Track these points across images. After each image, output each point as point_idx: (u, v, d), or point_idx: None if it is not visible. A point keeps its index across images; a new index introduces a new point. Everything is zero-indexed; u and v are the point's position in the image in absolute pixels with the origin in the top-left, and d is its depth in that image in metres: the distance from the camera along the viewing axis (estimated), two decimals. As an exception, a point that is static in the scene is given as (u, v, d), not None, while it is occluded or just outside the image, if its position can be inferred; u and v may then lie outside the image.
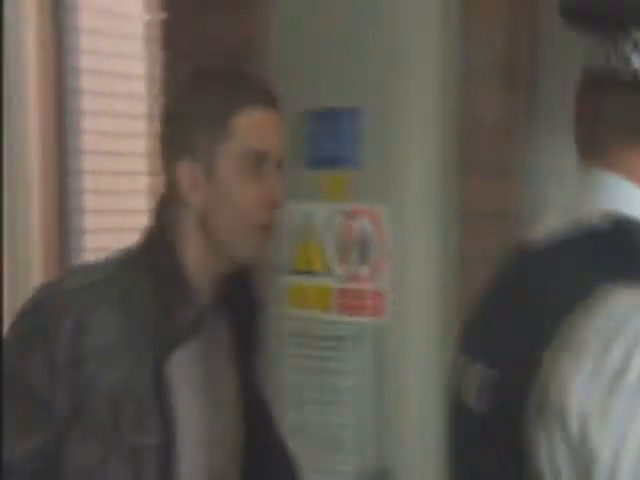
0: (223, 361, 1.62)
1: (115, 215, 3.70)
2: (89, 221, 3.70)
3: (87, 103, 3.66)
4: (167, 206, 1.58)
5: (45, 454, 1.44)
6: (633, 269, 0.95)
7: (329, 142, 2.26)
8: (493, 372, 1.04)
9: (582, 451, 0.89)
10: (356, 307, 2.18)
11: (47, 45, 3.50)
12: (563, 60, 1.96)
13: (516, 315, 1.06)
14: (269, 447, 1.67)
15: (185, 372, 1.53)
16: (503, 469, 1.00)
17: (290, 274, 2.28)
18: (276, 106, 1.56)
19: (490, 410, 1.05)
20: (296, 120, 2.20)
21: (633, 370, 0.87)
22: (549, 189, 2.20)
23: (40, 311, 1.49)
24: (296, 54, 2.24)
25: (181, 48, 2.38)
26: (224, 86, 1.56)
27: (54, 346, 1.43)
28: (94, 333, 1.45)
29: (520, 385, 0.96)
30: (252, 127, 1.53)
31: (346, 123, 2.22)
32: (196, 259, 1.54)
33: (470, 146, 2.09)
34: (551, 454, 0.92)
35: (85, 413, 1.44)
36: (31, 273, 3.46)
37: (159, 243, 1.56)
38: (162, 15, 2.45)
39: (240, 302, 1.63)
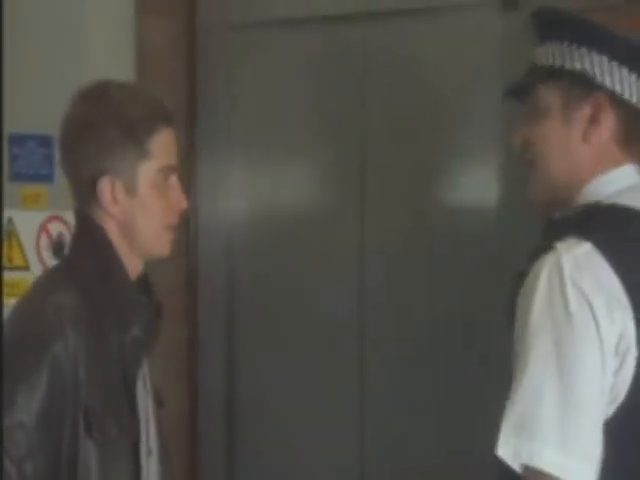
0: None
1: None
2: None
3: None
4: (90, 210, 1.70)
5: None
6: None
7: (29, 162, 2.70)
8: None
9: None
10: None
11: None
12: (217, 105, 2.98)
13: None
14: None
15: (139, 377, 1.72)
16: None
17: (-3, 269, 2.65)
18: (174, 122, 1.74)
19: None
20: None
21: None
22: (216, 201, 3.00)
23: (38, 340, 1.55)
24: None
25: None
26: (141, 108, 1.68)
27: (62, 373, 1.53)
28: (81, 358, 1.56)
29: None
30: (165, 146, 1.70)
31: (41, 147, 2.70)
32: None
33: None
34: None
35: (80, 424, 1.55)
36: None
37: (101, 241, 1.67)
38: None
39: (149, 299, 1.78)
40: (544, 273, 1.46)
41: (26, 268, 2.69)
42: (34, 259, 2.69)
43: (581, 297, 1.42)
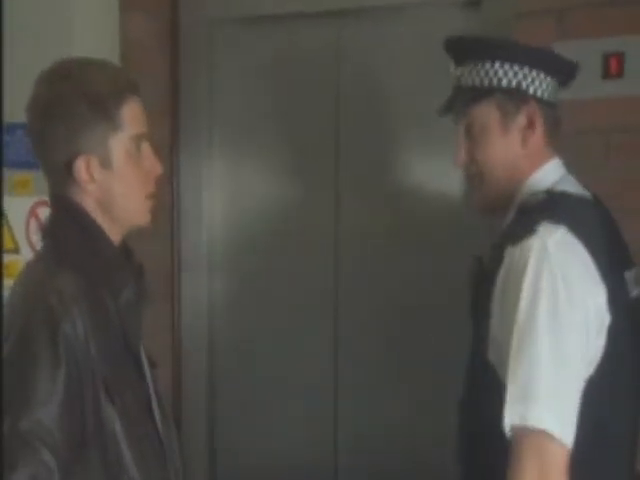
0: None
1: None
2: None
3: None
4: (66, 191, 1.69)
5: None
6: None
7: (17, 149, 2.79)
8: None
9: None
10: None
11: None
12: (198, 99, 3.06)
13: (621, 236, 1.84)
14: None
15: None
16: None
17: (-10, 253, 2.75)
18: (139, 90, 1.72)
19: None
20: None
21: None
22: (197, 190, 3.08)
23: (50, 320, 1.55)
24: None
25: None
26: (106, 81, 1.65)
27: (73, 347, 1.55)
28: (90, 334, 1.57)
29: None
30: (134, 115, 1.68)
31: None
32: None
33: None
34: None
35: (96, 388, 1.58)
36: None
37: (81, 217, 1.68)
38: None
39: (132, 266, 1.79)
40: (533, 256, 1.59)
41: (16, 251, 2.82)
42: (24, 242, 2.82)
43: (567, 278, 1.57)
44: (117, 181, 1.68)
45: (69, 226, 1.70)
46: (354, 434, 3.01)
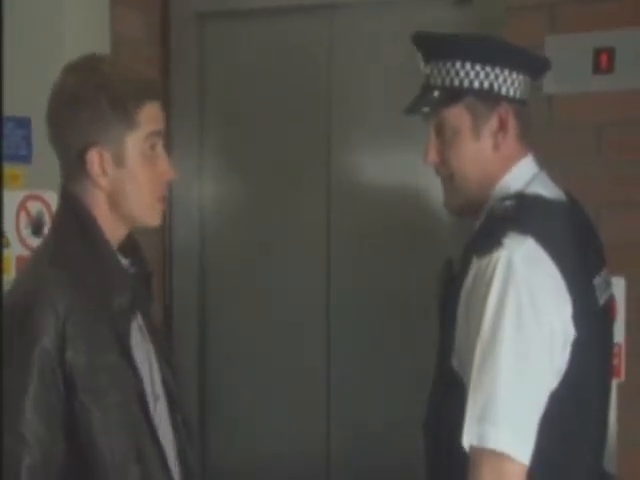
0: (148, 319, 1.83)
1: None
2: None
3: None
4: (77, 184, 1.71)
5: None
6: None
7: (7, 143, 2.77)
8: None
9: None
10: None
11: None
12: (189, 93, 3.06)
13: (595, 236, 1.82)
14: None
15: (134, 336, 1.71)
16: None
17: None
18: (160, 96, 1.77)
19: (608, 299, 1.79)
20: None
21: None
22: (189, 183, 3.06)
23: (25, 312, 1.57)
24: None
25: None
26: (130, 84, 1.69)
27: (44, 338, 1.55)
28: (69, 321, 1.58)
29: None
30: (151, 116, 1.71)
31: (20, 128, 2.79)
32: (106, 229, 1.71)
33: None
34: None
35: (78, 386, 1.58)
36: None
37: (84, 218, 1.69)
38: None
39: (137, 259, 1.81)
40: (499, 271, 1.56)
41: (6, 245, 2.81)
42: (14, 237, 2.82)
43: (533, 294, 1.55)
44: (129, 180, 1.70)
45: (71, 224, 1.71)
46: (347, 430, 3.01)
